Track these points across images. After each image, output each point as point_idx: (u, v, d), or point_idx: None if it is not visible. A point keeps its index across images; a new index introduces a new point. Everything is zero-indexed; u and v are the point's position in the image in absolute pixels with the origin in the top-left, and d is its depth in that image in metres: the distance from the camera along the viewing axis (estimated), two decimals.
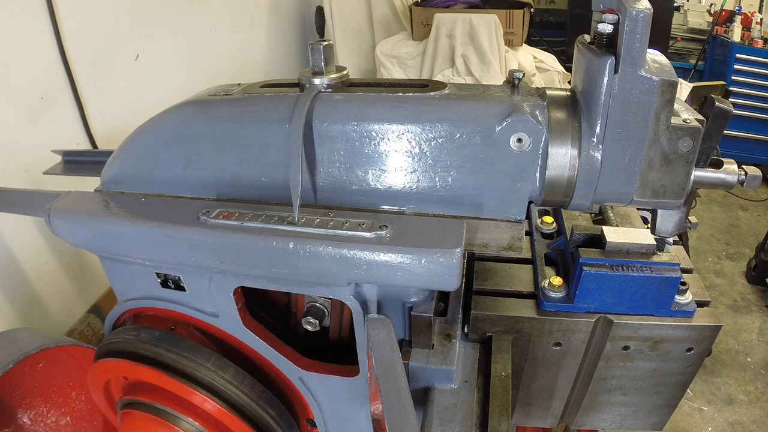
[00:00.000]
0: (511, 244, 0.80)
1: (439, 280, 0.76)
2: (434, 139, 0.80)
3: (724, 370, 2.83)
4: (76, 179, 1.05)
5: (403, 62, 3.42)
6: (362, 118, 0.81)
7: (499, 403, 0.86)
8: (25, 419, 1.19)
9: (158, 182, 0.92)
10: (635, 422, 1.14)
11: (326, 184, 0.85)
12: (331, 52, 0.85)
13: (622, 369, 1.03)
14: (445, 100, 0.82)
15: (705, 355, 1.00)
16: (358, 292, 0.84)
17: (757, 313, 3.24)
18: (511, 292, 1.04)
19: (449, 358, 0.91)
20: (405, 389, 0.79)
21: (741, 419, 2.55)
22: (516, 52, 3.30)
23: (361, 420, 1.00)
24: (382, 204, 0.85)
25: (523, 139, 0.77)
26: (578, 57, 0.80)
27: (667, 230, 0.85)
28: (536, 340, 1.01)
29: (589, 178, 0.76)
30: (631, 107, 0.70)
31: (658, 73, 0.69)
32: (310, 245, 0.77)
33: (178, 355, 0.89)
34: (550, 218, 1.17)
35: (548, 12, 5.01)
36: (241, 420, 0.93)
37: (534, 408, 1.14)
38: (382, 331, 0.83)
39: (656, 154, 0.73)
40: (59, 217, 0.88)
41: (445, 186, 0.83)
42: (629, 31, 0.66)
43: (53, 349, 1.15)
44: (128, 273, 0.96)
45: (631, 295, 0.94)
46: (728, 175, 0.77)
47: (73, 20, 1.63)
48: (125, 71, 1.91)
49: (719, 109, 0.73)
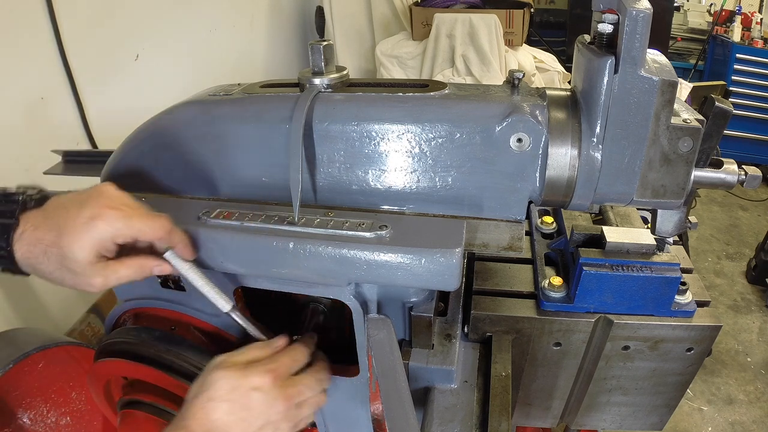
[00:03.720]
0: (511, 244, 0.80)
1: (439, 280, 0.76)
2: (434, 139, 0.80)
3: (724, 370, 2.83)
4: (76, 179, 1.05)
5: (403, 62, 3.42)
6: (362, 118, 0.81)
7: (499, 403, 0.86)
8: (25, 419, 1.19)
9: (158, 182, 0.92)
10: (635, 422, 1.14)
11: (326, 184, 0.86)
12: (331, 52, 0.85)
13: (622, 369, 1.03)
14: (445, 100, 0.82)
15: (705, 355, 1.00)
16: (358, 292, 0.84)
17: (757, 313, 3.24)
18: (511, 292, 1.04)
19: (449, 358, 0.91)
20: (405, 389, 0.79)
21: (741, 419, 2.56)
22: (516, 52, 3.30)
23: (361, 420, 1.00)
24: (382, 204, 0.85)
25: (523, 139, 0.77)
26: (578, 57, 0.80)
27: (667, 230, 0.85)
28: (536, 340, 1.01)
29: (589, 178, 0.76)
30: (631, 107, 0.70)
31: (658, 73, 0.69)
32: (310, 245, 0.77)
33: (178, 355, 0.89)
34: (550, 218, 1.17)
35: (548, 12, 5.01)
36: None
37: (534, 408, 1.14)
38: (382, 331, 0.83)
39: (656, 154, 0.73)
40: None
41: (445, 186, 0.83)
42: (629, 31, 0.66)
43: (53, 349, 1.15)
44: None
45: (631, 295, 0.94)
46: (728, 175, 0.77)
47: (73, 20, 1.63)
48: (125, 71, 1.91)
49: (719, 109, 0.73)
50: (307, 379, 0.80)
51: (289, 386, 0.77)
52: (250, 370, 0.74)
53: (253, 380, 0.73)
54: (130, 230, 0.70)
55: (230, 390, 0.71)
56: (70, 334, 1.65)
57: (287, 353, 0.81)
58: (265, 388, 0.74)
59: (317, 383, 0.82)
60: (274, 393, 0.74)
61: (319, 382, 0.82)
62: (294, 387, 0.77)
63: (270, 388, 0.74)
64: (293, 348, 0.83)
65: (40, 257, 0.68)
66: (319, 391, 0.82)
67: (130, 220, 0.70)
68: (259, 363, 0.76)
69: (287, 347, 0.82)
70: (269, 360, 0.77)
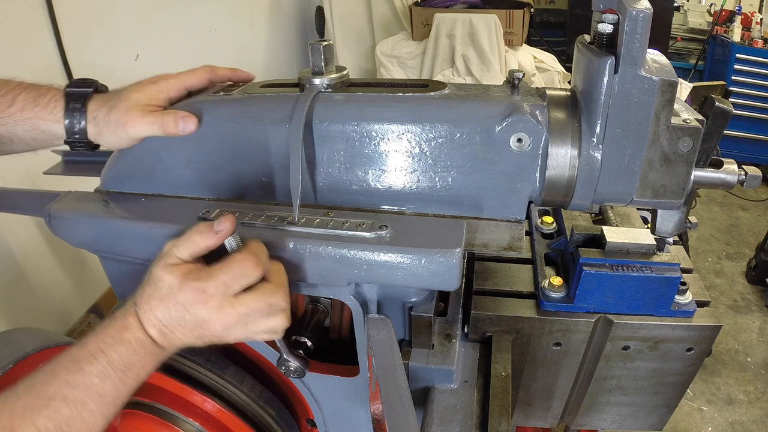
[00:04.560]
0: (511, 244, 0.80)
1: (440, 280, 0.76)
2: (434, 139, 0.80)
3: (724, 370, 2.83)
4: (76, 179, 1.05)
5: (403, 62, 3.43)
6: (362, 118, 0.81)
7: (499, 403, 0.86)
8: None
9: (158, 182, 0.92)
10: (635, 422, 1.14)
11: (326, 184, 0.86)
12: (331, 52, 0.85)
13: (622, 369, 1.03)
14: (445, 100, 0.82)
15: (705, 355, 1.00)
16: (358, 292, 0.84)
17: (757, 313, 3.24)
18: (511, 292, 1.04)
19: (449, 358, 0.91)
20: (405, 389, 0.79)
21: (741, 419, 2.55)
22: (516, 52, 3.30)
23: (361, 420, 1.01)
24: (382, 204, 0.85)
25: (523, 139, 0.77)
26: (578, 57, 0.80)
27: (666, 230, 0.85)
28: (536, 340, 1.01)
29: (589, 178, 0.76)
30: (631, 107, 0.70)
31: (658, 73, 0.69)
32: (310, 245, 0.77)
33: (177, 355, 0.89)
34: (550, 218, 1.17)
35: (548, 12, 5.00)
36: (241, 420, 0.93)
37: (534, 408, 1.14)
38: (382, 331, 0.83)
39: (656, 154, 0.73)
40: (59, 217, 0.88)
41: (445, 186, 0.83)
42: (629, 31, 0.66)
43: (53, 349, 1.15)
44: (128, 273, 0.96)
45: (631, 295, 0.94)
46: (728, 175, 0.77)
47: (73, 20, 1.63)
48: (125, 71, 1.91)
49: (719, 109, 0.73)
50: (253, 303, 0.70)
51: (228, 306, 0.69)
52: (188, 283, 0.68)
53: (185, 297, 0.67)
54: (181, 83, 0.86)
55: (167, 296, 0.68)
56: (70, 334, 1.65)
57: (227, 269, 0.69)
58: (200, 308, 0.68)
59: (267, 308, 0.70)
60: (208, 314, 0.68)
61: (268, 307, 0.71)
62: (234, 308, 0.69)
63: (205, 309, 0.68)
64: (237, 261, 0.70)
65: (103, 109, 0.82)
66: (267, 315, 0.71)
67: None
68: (197, 278, 0.68)
69: (231, 259, 0.70)
70: (206, 275, 0.68)
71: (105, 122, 0.82)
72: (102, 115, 0.82)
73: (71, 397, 0.63)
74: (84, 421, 0.63)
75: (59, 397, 0.62)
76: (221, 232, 0.71)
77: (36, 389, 0.63)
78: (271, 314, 0.71)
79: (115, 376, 0.66)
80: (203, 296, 0.67)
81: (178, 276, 0.68)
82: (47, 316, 1.64)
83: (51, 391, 0.63)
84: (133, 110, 0.80)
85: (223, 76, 0.92)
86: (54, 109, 0.83)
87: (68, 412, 0.62)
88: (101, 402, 0.65)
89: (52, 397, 0.62)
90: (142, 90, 0.83)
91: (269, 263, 0.74)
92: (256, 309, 0.70)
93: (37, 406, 0.62)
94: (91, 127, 0.83)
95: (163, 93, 0.84)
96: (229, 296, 0.69)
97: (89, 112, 0.83)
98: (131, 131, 0.81)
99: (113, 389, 0.66)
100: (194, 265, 0.71)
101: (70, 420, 0.62)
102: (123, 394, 0.67)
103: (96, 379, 0.64)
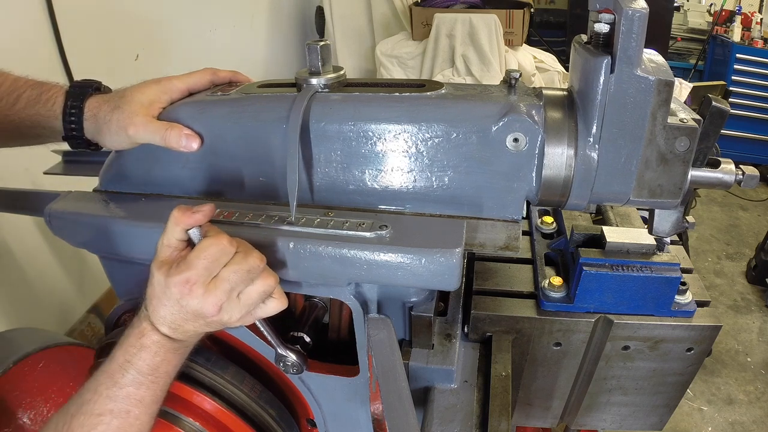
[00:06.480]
0: (508, 243, 0.80)
1: (440, 280, 0.76)
2: (431, 138, 0.80)
3: (724, 370, 2.82)
4: (76, 179, 1.05)
5: (403, 62, 3.42)
6: (359, 117, 0.81)
7: (499, 403, 0.86)
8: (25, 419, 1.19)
9: (157, 182, 0.92)
10: (635, 422, 1.14)
11: (323, 184, 0.86)
12: (328, 52, 0.85)
13: (622, 369, 1.03)
14: (442, 99, 0.82)
15: (705, 355, 1.00)
16: (358, 292, 0.84)
17: (757, 313, 3.23)
18: (511, 292, 1.04)
19: (449, 358, 0.91)
20: (405, 389, 0.79)
21: (741, 419, 2.55)
22: (516, 52, 3.30)
23: (361, 420, 1.01)
24: (379, 204, 0.86)
25: (520, 138, 0.77)
26: (575, 57, 0.80)
27: (664, 230, 0.85)
28: (536, 340, 1.01)
29: (585, 178, 0.76)
30: (628, 107, 0.70)
31: (654, 72, 0.69)
32: (310, 245, 0.77)
33: None
34: (550, 218, 1.17)
35: (548, 12, 5.00)
36: (241, 420, 0.93)
37: (534, 408, 1.14)
38: (382, 331, 0.84)
39: (653, 153, 0.73)
40: (59, 217, 0.89)
41: (442, 186, 0.83)
42: (625, 31, 0.66)
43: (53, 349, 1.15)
44: (128, 273, 0.96)
45: (631, 295, 0.94)
46: (725, 174, 0.77)
47: (73, 20, 1.63)
48: (125, 71, 1.91)
49: (716, 109, 0.73)
50: (232, 276, 0.69)
51: (213, 288, 0.69)
52: (171, 279, 0.68)
53: (173, 292, 0.68)
54: (184, 84, 0.88)
55: (161, 293, 0.69)
56: (70, 334, 1.66)
57: (205, 253, 0.68)
58: (189, 299, 0.69)
59: (246, 274, 0.70)
60: (198, 302, 0.69)
61: (248, 273, 0.70)
62: (218, 288, 0.69)
63: (194, 299, 0.68)
64: (211, 243, 0.69)
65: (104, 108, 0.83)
66: (251, 280, 0.71)
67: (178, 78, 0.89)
68: (178, 271, 0.68)
69: (204, 243, 0.69)
70: (185, 266, 0.68)
71: (105, 121, 0.83)
72: (103, 114, 0.83)
73: (116, 409, 0.69)
74: (132, 426, 0.70)
75: (106, 412, 0.69)
76: (198, 213, 0.70)
77: (85, 408, 0.69)
78: (255, 278, 0.71)
79: (147, 381, 0.71)
80: (187, 287, 0.68)
81: (164, 272, 0.69)
82: (47, 316, 1.64)
83: (98, 408, 0.69)
84: (137, 114, 0.81)
85: (225, 78, 0.94)
86: (53, 106, 0.84)
87: (118, 423, 0.69)
88: (142, 406, 0.71)
89: (101, 414, 0.69)
90: (146, 91, 0.84)
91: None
92: (238, 279, 0.70)
93: (91, 423, 0.69)
94: (89, 124, 0.84)
95: (166, 94, 0.86)
96: (211, 278, 0.69)
97: (88, 109, 0.83)
98: (133, 135, 0.82)
99: (149, 393, 0.71)
100: (179, 254, 0.71)
101: (121, 428, 0.69)
102: (159, 392, 0.73)
103: (131, 389, 0.70)
